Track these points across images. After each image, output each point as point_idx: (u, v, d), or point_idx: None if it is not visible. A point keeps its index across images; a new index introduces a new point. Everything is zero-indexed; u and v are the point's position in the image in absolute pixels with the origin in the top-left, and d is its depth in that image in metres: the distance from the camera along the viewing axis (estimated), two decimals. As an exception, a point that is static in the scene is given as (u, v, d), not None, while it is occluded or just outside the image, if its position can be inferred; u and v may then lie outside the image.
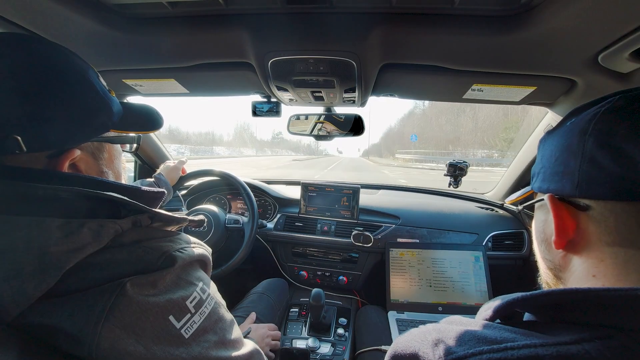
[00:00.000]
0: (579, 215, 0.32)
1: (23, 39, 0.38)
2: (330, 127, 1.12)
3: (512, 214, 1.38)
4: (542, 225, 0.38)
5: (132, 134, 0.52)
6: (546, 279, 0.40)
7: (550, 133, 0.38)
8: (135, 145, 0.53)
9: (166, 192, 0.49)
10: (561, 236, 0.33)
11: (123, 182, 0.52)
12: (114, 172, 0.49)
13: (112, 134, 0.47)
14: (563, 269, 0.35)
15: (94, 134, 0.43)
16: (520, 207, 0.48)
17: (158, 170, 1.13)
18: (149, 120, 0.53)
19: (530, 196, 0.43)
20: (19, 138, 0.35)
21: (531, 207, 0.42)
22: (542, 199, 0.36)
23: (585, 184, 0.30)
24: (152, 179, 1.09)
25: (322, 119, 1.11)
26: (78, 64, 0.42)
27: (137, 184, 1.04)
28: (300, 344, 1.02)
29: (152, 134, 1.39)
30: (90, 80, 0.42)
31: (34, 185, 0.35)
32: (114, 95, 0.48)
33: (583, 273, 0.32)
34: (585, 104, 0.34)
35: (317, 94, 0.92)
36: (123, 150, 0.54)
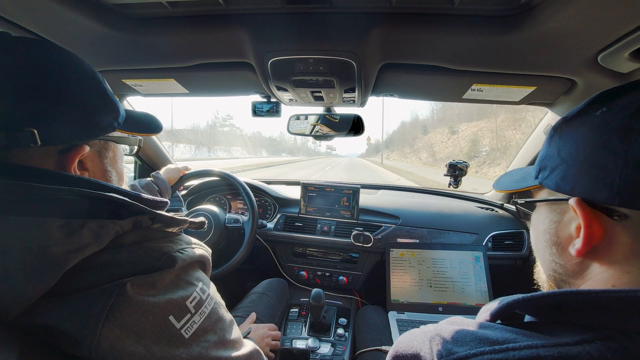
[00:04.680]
0: (610, 224, 0.29)
1: (39, 43, 0.40)
2: (330, 127, 1.12)
3: (512, 214, 1.38)
4: (553, 227, 0.35)
5: (137, 136, 0.55)
6: (546, 286, 0.38)
7: (569, 122, 0.32)
8: (136, 147, 0.56)
9: (169, 202, 0.50)
10: (587, 245, 0.30)
11: (125, 181, 0.55)
12: (117, 171, 0.51)
13: (117, 134, 0.50)
14: (576, 274, 0.33)
15: (102, 132, 0.45)
16: (528, 206, 0.40)
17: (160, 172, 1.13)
18: (150, 124, 0.56)
19: (528, 191, 0.40)
20: (35, 131, 0.36)
21: (531, 204, 0.39)
22: (558, 199, 0.33)
23: (627, 192, 0.26)
24: (150, 178, 1.09)
25: (321, 119, 1.11)
26: (87, 66, 0.44)
27: (135, 183, 1.04)
28: (300, 344, 1.01)
29: (154, 137, 1.40)
30: (100, 81, 0.45)
31: (34, 186, 0.34)
32: (117, 97, 0.50)
33: (601, 281, 0.30)
34: (617, 88, 0.29)
35: (316, 94, 0.92)
36: (125, 154, 0.56)
